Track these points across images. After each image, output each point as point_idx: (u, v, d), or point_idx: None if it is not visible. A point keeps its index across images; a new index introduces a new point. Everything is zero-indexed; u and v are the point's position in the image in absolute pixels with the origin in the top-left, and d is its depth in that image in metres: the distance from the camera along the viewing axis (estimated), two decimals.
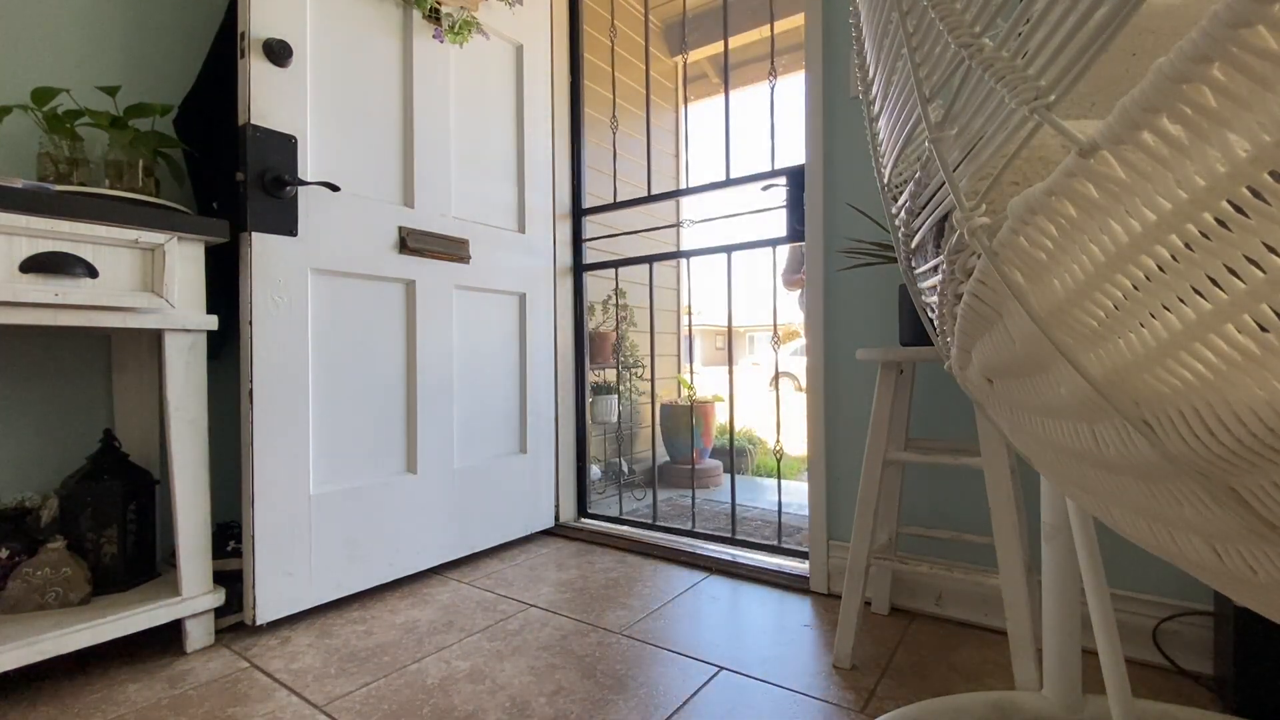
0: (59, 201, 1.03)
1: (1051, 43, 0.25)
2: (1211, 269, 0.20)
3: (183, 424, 1.21)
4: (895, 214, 0.53)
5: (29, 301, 1.00)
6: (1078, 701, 0.89)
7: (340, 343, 1.50)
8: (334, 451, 1.48)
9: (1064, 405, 0.31)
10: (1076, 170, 0.23)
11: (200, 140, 1.43)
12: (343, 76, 1.50)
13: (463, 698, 1.08)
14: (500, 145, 1.94)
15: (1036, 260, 0.28)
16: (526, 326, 2.01)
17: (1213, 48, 0.17)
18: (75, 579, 1.17)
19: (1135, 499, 0.31)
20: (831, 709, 1.04)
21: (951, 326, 0.41)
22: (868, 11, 0.50)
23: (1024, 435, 0.41)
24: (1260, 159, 0.17)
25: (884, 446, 1.17)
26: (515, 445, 1.99)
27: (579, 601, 1.50)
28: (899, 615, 1.41)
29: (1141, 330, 0.24)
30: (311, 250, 1.43)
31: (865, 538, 1.18)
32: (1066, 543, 0.87)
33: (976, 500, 1.38)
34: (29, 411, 1.30)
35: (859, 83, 0.57)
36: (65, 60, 1.35)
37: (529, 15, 2.01)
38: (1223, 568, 0.29)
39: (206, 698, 1.08)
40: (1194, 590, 1.16)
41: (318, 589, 1.43)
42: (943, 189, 0.38)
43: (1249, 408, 0.20)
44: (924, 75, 0.36)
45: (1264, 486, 0.22)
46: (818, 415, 1.57)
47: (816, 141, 1.56)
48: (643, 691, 1.10)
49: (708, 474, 3.15)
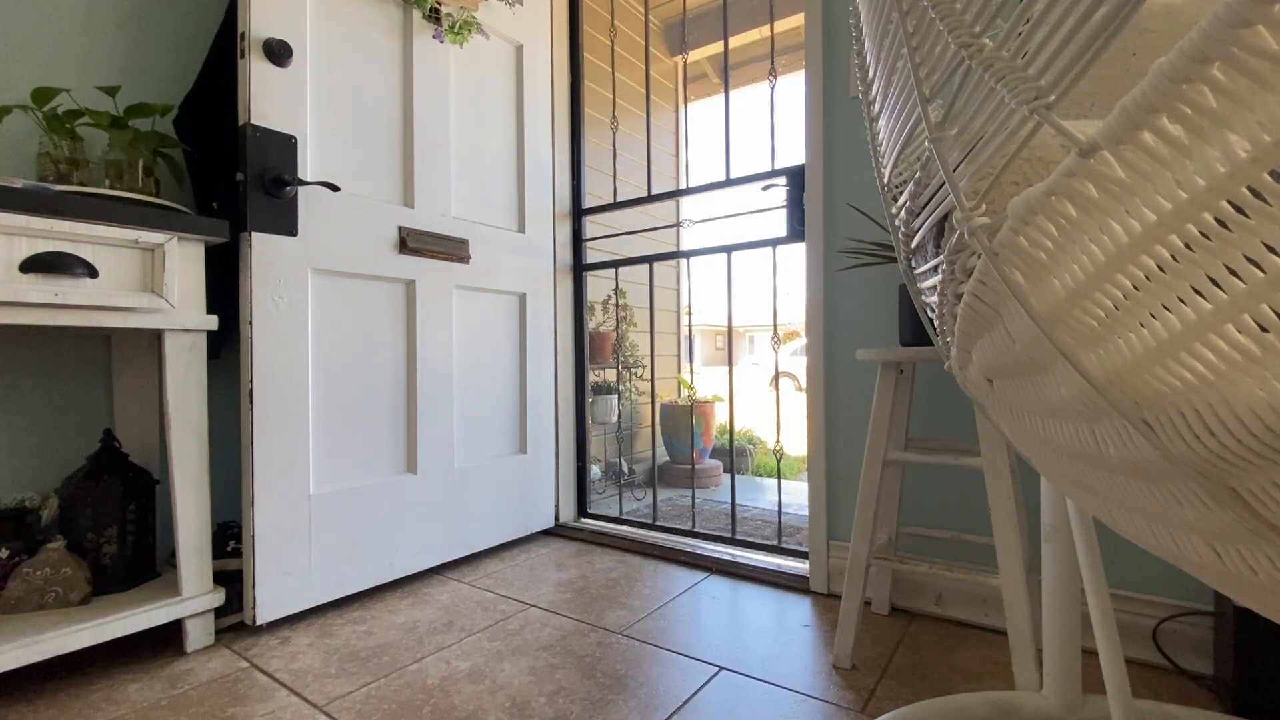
0: (59, 201, 1.03)
1: (1051, 43, 0.25)
2: (1211, 269, 0.20)
3: (182, 424, 1.21)
4: (895, 214, 0.53)
5: (29, 301, 1.00)
6: (1078, 701, 0.89)
7: (340, 343, 1.50)
8: (334, 451, 1.48)
9: (1064, 405, 0.31)
10: (1076, 170, 0.23)
11: (200, 140, 1.43)
12: (343, 76, 1.50)
13: (463, 698, 1.08)
14: (500, 145, 1.94)
15: (1036, 260, 0.28)
16: (526, 326, 2.01)
17: (1213, 48, 0.17)
18: (75, 579, 1.17)
19: (1135, 499, 0.31)
20: (831, 709, 1.04)
21: (951, 326, 0.41)
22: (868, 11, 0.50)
23: (1024, 435, 0.41)
24: (1260, 159, 0.17)
25: (884, 446, 1.17)
26: (515, 445, 1.99)
27: (579, 601, 1.50)
28: (899, 615, 1.41)
29: (1142, 330, 0.24)
30: (311, 250, 1.43)
31: (865, 538, 1.18)
32: (1066, 543, 0.87)
33: (976, 500, 1.38)
34: (29, 411, 1.30)
35: (859, 83, 0.57)
36: (65, 60, 1.35)
37: (529, 15, 2.01)
38: (1223, 568, 0.29)
39: (206, 698, 1.08)
40: (1194, 590, 1.16)
41: (318, 589, 1.43)
42: (943, 189, 0.38)
43: (1249, 408, 0.20)
44: (924, 75, 0.36)
45: (1264, 486, 0.22)
46: (818, 415, 1.57)
47: (816, 141, 1.56)
48: (643, 691, 1.10)
49: (708, 474, 3.15)
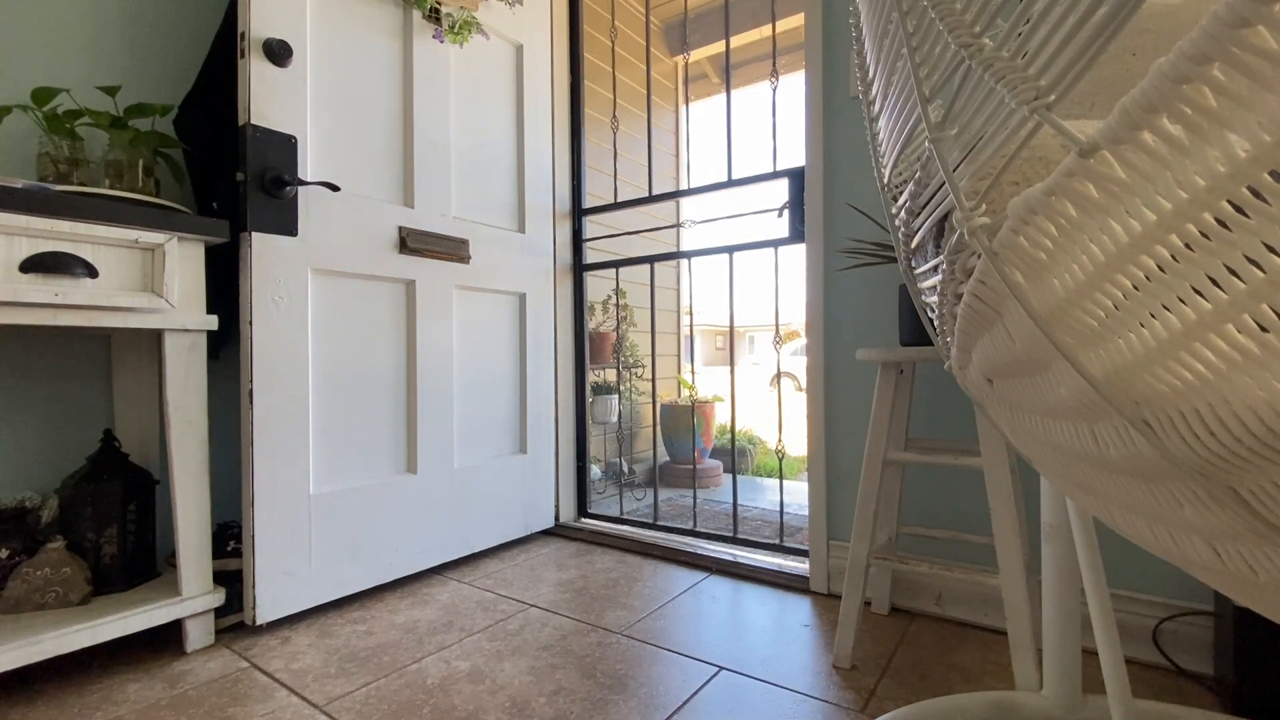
0: (59, 201, 1.03)
1: (1052, 43, 0.25)
2: (1211, 269, 0.20)
3: (183, 424, 1.21)
4: (895, 214, 0.53)
5: (29, 301, 1.00)
6: (1078, 701, 0.89)
7: (340, 343, 1.50)
8: (334, 451, 1.48)
9: (1064, 405, 0.31)
10: (1076, 170, 0.23)
11: (200, 140, 1.43)
12: (343, 76, 1.50)
13: (463, 698, 1.08)
14: (500, 145, 1.94)
15: (1036, 260, 0.28)
16: (526, 326, 2.01)
17: (1213, 48, 0.17)
18: (75, 579, 1.17)
19: (1136, 499, 0.31)
20: (831, 709, 1.04)
21: (951, 326, 0.41)
22: (868, 11, 0.50)
23: (1024, 435, 0.41)
24: (1260, 159, 0.17)
25: (884, 446, 1.17)
26: (515, 445, 1.99)
27: (579, 601, 1.50)
28: (899, 615, 1.41)
29: (1142, 330, 0.24)
30: (311, 250, 1.43)
31: (865, 538, 1.18)
32: (1066, 543, 0.87)
33: (976, 500, 1.38)
34: (29, 411, 1.30)
35: (859, 83, 0.57)
36: (65, 60, 1.35)
37: (529, 15, 2.01)
38: (1223, 568, 0.29)
39: (206, 698, 1.08)
40: (1194, 590, 1.16)
41: (318, 589, 1.43)
42: (943, 189, 0.38)
43: (1249, 408, 0.20)
44: (924, 75, 0.36)
45: (1264, 486, 0.22)
46: (818, 415, 1.57)
47: (816, 141, 1.56)
48: (643, 691, 1.10)
49: (708, 474, 3.15)
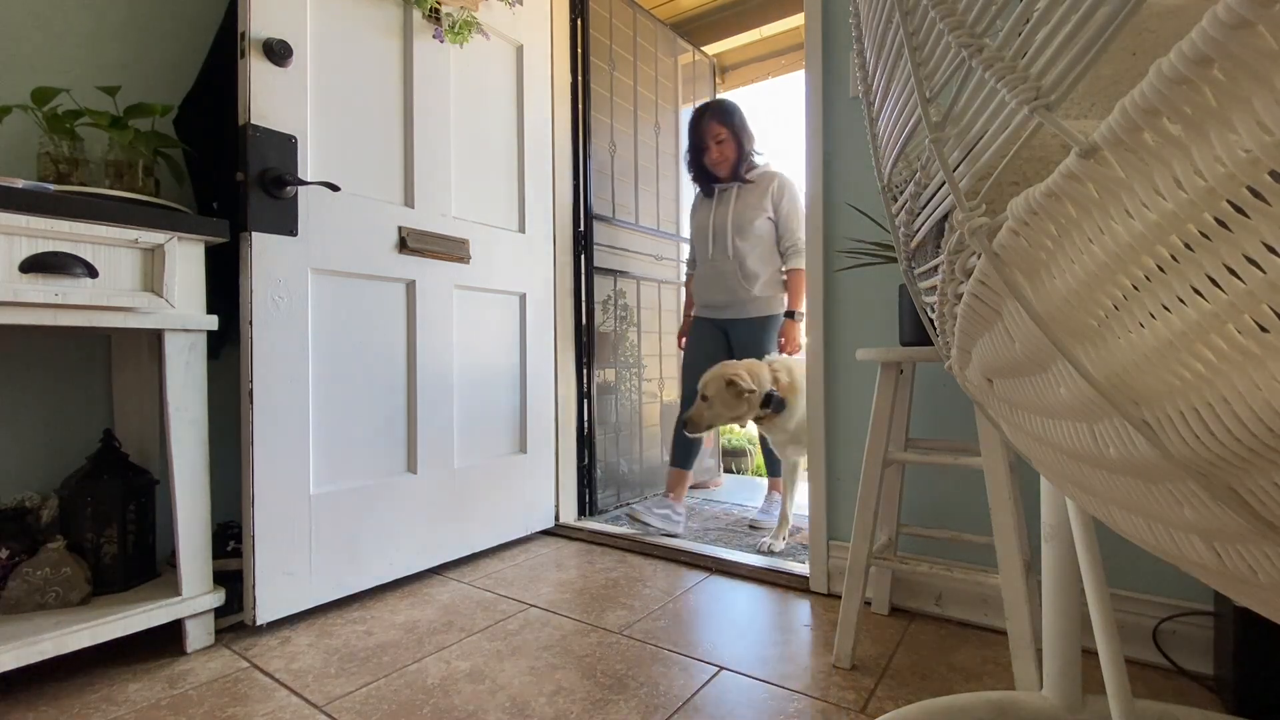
0: (59, 201, 1.03)
1: (1052, 43, 0.25)
2: (1211, 269, 0.20)
3: (183, 424, 1.21)
4: (895, 214, 0.53)
5: (29, 301, 1.00)
6: (1078, 701, 0.89)
7: (340, 343, 1.50)
8: (334, 451, 1.48)
9: (1064, 405, 0.31)
10: (1076, 170, 0.23)
11: (200, 140, 1.43)
12: (343, 77, 1.50)
13: (463, 698, 1.08)
14: (500, 145, 1.94)
15: (1036, 260, 0.28)
16: (526, 326, 2.01)
17: (1213, 48, 0.17)
18: (75, 579, 1.17)
19: (1135, 499, 0.31)
20: (831, 709, 1.04)
21: (951, 326, 0.41)
22: (868, 11, 0.50)
23: (1023, 435, 0.41)
24: (1260, 159, 0.17)
25: (884, 446, 1.17)
26: (515, 445, 1.99)
27: (579, 601, 1.50)
28: (899, 615, 1.41)
29: (1141, 330, 0.24)
30: (312, 250, 1.43)
31: (865, 538, 1.18)
32: (1066, 543, 0.87)
33: (976, 500, 1.38)
34: (29, 411, 1.30)
35: (859, 83, 0.57)
36: (65, 60, 1.34)
37: (529, 15, 2.01)
38: (1223, 568, 0.29)
39: (206, 698, 1.08)
40: (1194, 590, 1.16)
41: (318, 589, 1.43)
42: (943, 189, 0.38)
43: (1249, 408, 0.20)
44: (924, 75, 0.36)
45: (1264, 486, 0.22)
46: (818, 415, 1.57)
47: (816, 141, 1.56)
48: (643, 691, 1.10)
49: (708, 474, 3.14)
